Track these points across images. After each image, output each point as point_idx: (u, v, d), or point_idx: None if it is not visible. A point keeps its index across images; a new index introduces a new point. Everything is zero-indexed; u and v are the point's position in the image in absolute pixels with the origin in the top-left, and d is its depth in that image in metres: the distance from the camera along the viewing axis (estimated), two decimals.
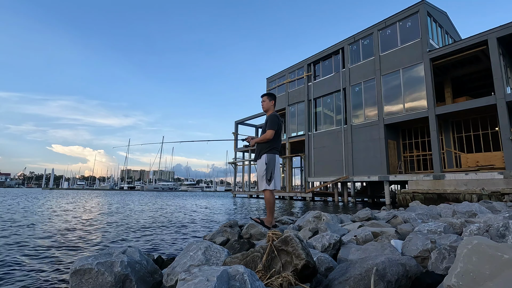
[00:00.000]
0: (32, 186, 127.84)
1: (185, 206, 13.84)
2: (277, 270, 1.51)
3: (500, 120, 12.48)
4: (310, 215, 3.81)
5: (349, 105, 18.98)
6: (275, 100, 4.00)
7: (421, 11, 15.72)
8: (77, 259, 1.54)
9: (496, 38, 12.82)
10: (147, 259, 1.79)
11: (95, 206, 12.96)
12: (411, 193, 13.24)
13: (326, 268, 1.78)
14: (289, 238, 1.58)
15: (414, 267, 1.55)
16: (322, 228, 2.96)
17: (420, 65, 15.41)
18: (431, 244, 1.90)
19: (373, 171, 16.74)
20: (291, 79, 24.36)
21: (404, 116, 15.84)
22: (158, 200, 20.37)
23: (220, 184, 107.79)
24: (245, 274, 1.21)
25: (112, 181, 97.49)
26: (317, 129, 21.56)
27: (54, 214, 8.61)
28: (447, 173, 13.37)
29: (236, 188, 34.43)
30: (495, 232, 2.11)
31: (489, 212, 4.27)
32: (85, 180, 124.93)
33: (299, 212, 10.74)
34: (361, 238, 2.55)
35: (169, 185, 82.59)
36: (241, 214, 9.78)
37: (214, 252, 1.87)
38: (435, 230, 2.51)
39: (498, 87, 12.60)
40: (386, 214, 4.44)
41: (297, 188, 30.26)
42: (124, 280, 1.52)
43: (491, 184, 11.60)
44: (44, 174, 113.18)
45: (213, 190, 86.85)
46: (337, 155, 19.28)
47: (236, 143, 31.03)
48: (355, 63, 19.09)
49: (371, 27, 18.27)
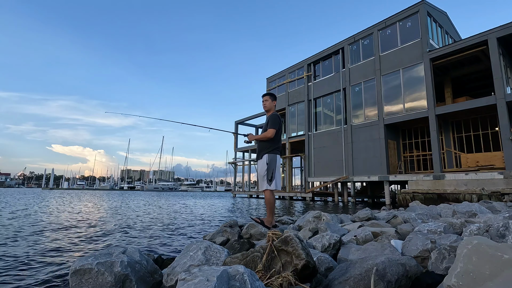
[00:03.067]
0: (32, 186, 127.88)
1: (185, 206, 13.84)
2: (277, 270, 1.51)
3: (500, 120, 12.48)
4: (310, 215, 3.81)
5: (349, 105, 18.98)
6: (276, 101, 4.04)
7: (421, 11, 15.72)
8: (77, 259, 1.54)
9: (496, 38, 12.82)
10: (147, 259, 1.79)
11: (95, 206, 12.96)
12: (411, 193, 13.23)
13: (326, 268, 1.78)
14: (289, 238, 1.58)
15: (414, 267, 1.55)
16: (322, 228, 2.96)
17: (420, 65, 15.41)
18: (431, 244, 1.90)
19: (373, 171, 16.74)
20: (291, 79, 24.37)
21: (404, 116, 15.84)
22: (158, 200, 20.37)
23: (220, 184, 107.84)
24: (245, 274, 1.21)
25: (112, 181, 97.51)
26: (317, 129, 21.56)
27: (54, 214, 8.61)
28: (447, 173, 13.37)
29: (236, 188, 34.44)
30: (495, 232, 2.11)
31: (489, 212, 4.26)
32: (85, 180, 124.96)
33: (299, 212, 10.74)
34: (361, 238, 2.55)
35: (169, 185, 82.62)
36: (241, 214, 9.78)
37: (214, 252, 1.87)
38: (435, 230, 2.51)
39: (498, 87, 12.61)
40: (386, 214, 4.44)
41: (297, 188, 30.25)
42: (124, 280, 1.52)
43: (491, 184, 11.60)
44: (44, 174, 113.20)
45: (213, 190, 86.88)
46: (337, 155, 19.28)
47: (236, 143, 31.04)
48: (355, 63, 19.08)
49: (371, 27, 18.27)
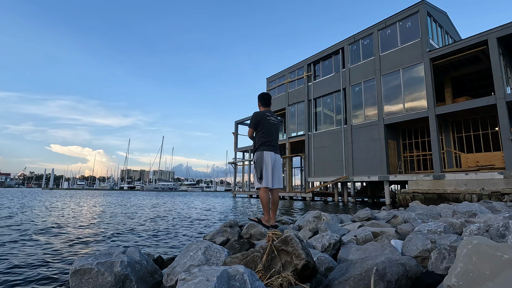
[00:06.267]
0: (32, 186, 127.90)
1: (185, 205, 13.84)
2: (277, 270, 1.51)
3: (500, 120, 12.48)
4: (310, 215, 3.81)
5: (349, 105, 18.98)
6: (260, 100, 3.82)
7: (421, 11, 15.72)
8: (77, 259, 1.54)
9: (496, 38, 12.82)
10: (147, 259, 1.79)
11: (95, 206, 12.96)
12: (411, 193, 13.23)
13: (326, 268, 1.78)
14: (289, 238, 1.58)
15: (414, 267, 1.55)
16: (322, 228, 2.96)
17: (420, 65, 15.40)
18: (431, 244, 1.90)
19: (373, 171, 16.74)
20: (291, 79, 24.36)
21: (404, 116, 15.84)
22: (158, 200, 20.37)
23: (220, 184, 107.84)
24: (245, 274, 1.21)
25: (112, 181, 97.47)
26: (317, 129, 21.56)
27: (54, 214, 8.61)
28: (447, 173, 13.37)
29: (236, 188, 34.43)
30: (495, 232, 2.11)
31: (489, 212, 4.26)
32: (85, 180, 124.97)
33: (299, 212, 10.74)
34: (361, 238, 2.55)
35: (169, 185, 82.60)
36: (241, 214, 9.78)
37: (214, 252, 1.87)
38: (435, 230, 2.51)
39: (498, 87, 12.60)
40: (386, 214, 4.44)
41: (297, 188, 30.25)
42: (124, 280, 1.52)
43: (491, 184, 11.60)
44: (44, 174, 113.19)
45: (213, 190, 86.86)
46: (337, 155, 19.28)
47: (236, 143, 31.03)
48: (355, 63, 19.08)
49: (371, 27, 18.27)
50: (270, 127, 3.69)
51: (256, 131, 3.70)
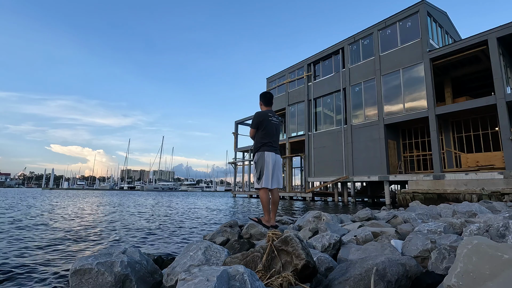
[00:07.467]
0: (32, 186, 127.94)
1: (185, 205, 13.84)
2: (277, 270, 1.51)
3: (500, 120, 12.48)
4: (310, 215, 3.81)
5: (349, 105, 18.98)
6: (262, 99, 3.82)
7: (421, 11, 15.72)
8: (77, 259, 1.54)
9: (496, 38, 12.82)
10: (147, 259, 1.79)
11: (95, 206, 12.96)
12: (411, 193, 13.23)
13: (326, 268, 1.78)
14: (289, 238, 1.58)
15: (414, 267, 1.55)
16: (322, 228, 2.96)
17: (420, 65, 15.40)
18: (431, 244, 1.90)
19: (373, 171, 16.74)
20: (291, 79, 24.36)
21: (404, 116, 15.84)
22: (158, 200, 20.37)
23: (220, 184, 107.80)
24: (245, 274, 1.21)
25: (112, 181, 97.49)
26: (317, 129, 21.56)
27: (54, 214, 8.61)
28: (447, 173, 13.36)
29: (236, 188, 34.43)
30: (495, 232, 2.11)
31: (489, 212, 4.26)
32: (85, 180, 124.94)
33: (299, 212, 10.74)
34: (361, 238, 2.55)
35: (169, 185, 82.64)
36: (241, 214, 9.78)
37: (214, 252, 1.87)
38: (435, 230, 2.51)
39: (498, 87, 12.60)
40: (386, 214, 4.44)
41: (297, 188, 30.25)
42: (124, 280, 1.52)
43: (491, 184, 11.60)
44: (44, 174, 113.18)
45: (213, 190, 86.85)
46: (337, 155, 19.27)
47: (236, 143, 31.02)
48: (355, 63, 19.08)
49: (371, 27, 18.27)
50: (271, 128, 3.67)
51: (258, 131, 3.69)
